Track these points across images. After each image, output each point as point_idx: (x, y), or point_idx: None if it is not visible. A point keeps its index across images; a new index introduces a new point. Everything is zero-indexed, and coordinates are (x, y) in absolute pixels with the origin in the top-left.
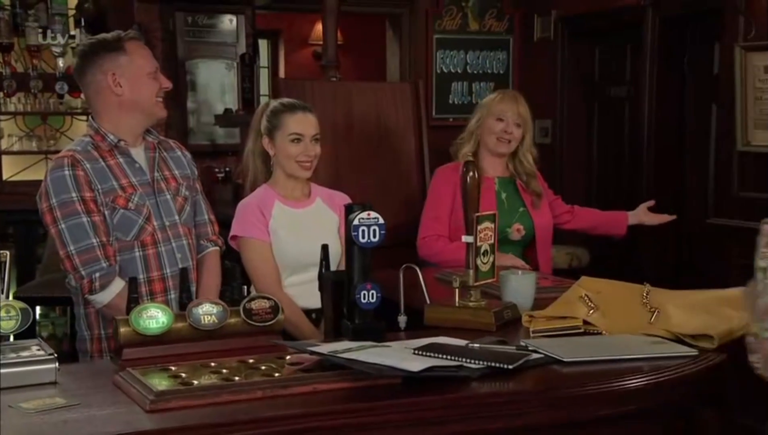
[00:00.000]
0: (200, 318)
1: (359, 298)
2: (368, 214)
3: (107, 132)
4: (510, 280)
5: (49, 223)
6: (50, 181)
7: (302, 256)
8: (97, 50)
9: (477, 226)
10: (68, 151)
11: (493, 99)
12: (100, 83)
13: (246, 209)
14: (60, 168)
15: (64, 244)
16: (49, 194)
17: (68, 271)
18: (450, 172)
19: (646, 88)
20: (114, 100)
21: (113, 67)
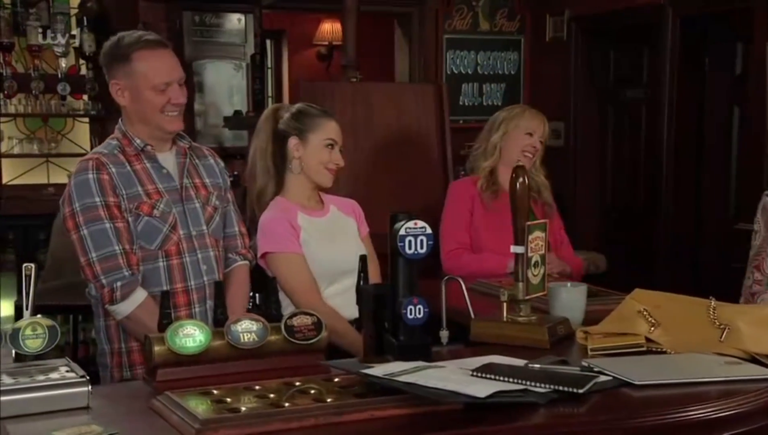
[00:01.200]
0: (239, 336)
1: (405, 314)
2: (415, 224)
3: (134, 136)
4: (560, 293)
5: (71, 229)
6: (74, 185)
7: (336, 265)
8: (109, 57)
9: (528, 236)
10: (94, 154)
11: (520, 114)
12: (111, 89)
13: (274, 223)
14: (84, 171)
15: (85, 251)
16: (72, 198)
17: (89, 279)
18: (467, 185)
19: (666, 89)
20: (123, 109)
21: (118, 77)
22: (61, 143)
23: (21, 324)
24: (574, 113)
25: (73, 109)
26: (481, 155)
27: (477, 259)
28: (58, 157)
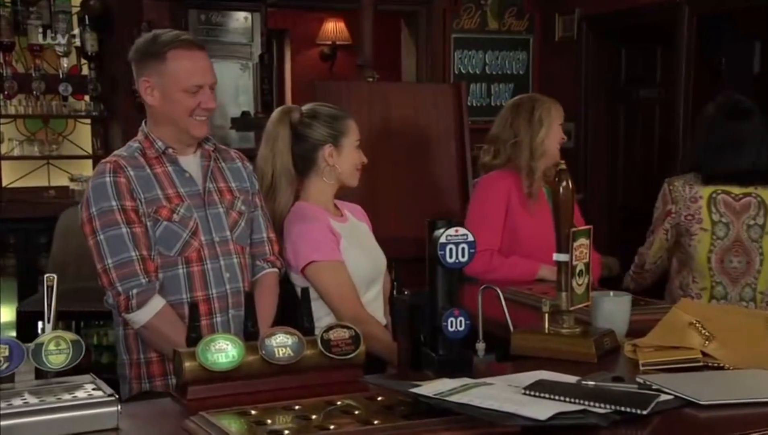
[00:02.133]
0: (274, 351)
1: (446, 326)
2: (456, 231)
3: (156, 138)
4: (603, 303)
5: (88, 234)
6: (91, 189)
7: (369, 272)
8: (141, 54)
9: (572, 243)
10: (113, 157)
11: (553, 105)
12: (140, 87)
13: (316, 231)
14: (101, 174)
15: (101, 257)
16: (89, 202)
17: (105, 286)
18: (505, 182)
19: (681, 89)
20: (150, 109)
21: (148, 74)
22: (62, 145)
23: (44, 339)
24: (585, 114)
25: (74, 110)
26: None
27: (507, 264)
28: (59, 159)
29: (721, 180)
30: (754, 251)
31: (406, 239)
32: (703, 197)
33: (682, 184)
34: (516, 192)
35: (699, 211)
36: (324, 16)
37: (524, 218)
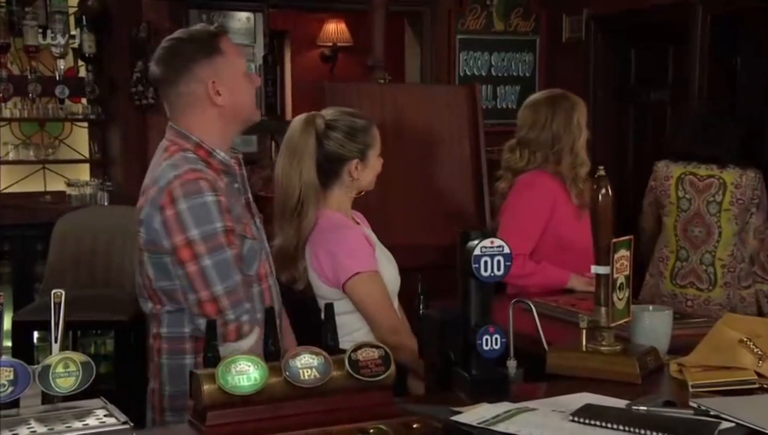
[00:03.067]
0: (299, 372)
1: (480, 345)
2: (491, 243)
3: (213, 147)
4: (644, 318)
5: (186, 260)
6: (187, 209)
7: (396, 282)
8: (192, 55)
9: (613, 255)
10: (194, 172)
11: (579, 102)
12: (196, 94)
13: (357, 240)
14: (199, 194)
15: (207, 285)
16: (185, 225)
17: (209, 315)
18: (552, 184)
19: (695, 91)
20: (212, 112)
21: (212, 73)
22: (58, 149)
23: (51, 360)
24: (593, 116)
25: (71, 113)
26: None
27: (539, 270)
28: (56, 164)
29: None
30: (713, 224)
31: (421, 246)
32: (673, 176)
33: (663, 164)
34: (562, 196)
35: (669, 188)
36: (325, 17)
37: (573, 224)
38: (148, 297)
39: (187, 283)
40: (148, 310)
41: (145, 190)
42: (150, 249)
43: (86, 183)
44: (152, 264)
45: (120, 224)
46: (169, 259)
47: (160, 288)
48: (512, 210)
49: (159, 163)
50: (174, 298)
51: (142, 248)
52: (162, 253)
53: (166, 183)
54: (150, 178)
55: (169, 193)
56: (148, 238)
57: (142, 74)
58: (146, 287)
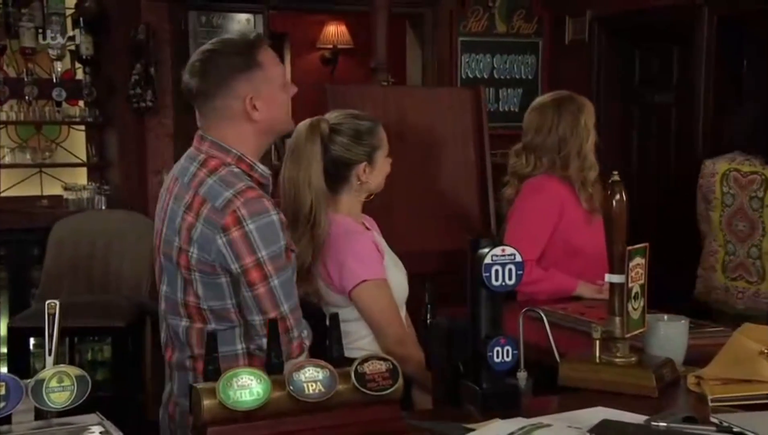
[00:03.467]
0: (303, 386)
1: (491, 357)
2: (503, 251)
3: (254, 162)
4: (659, 328)
5: (256, 281)
6: (255, 229)
7: (404, 290)
8: (229, 70)
9: (629, 263)
10: (253, 190)
11: (591, 106)
12: (232, 109)
13: (366, 246)
14: (266, 213)
15: (276, 304)
16: (255, 246)
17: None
18: (561, 189)
19: (700, 93)
20: (248, 127)
21: (250, 89)
22: (55, 152)
23: (45, 374)
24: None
25: (68, 116)
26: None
27: (547, 277)
28: (53, 168)
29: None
30: (756, 220)
31: (425, 252)
32: (718, 173)
33: (710, 162)
34: (571, 200)
35: (714, 184)
36: (325, 19)
37: (582, 230)
38: (188, 316)
39: (255, 304)
40: (181, 329)
41: (188, 205)
42: (204, 269)
43: (83, 187)
44: (203, 284)
45: (118, 229)
46: (226, 280)
47: (209, 308)
48: (519, 215)
49: (200, 178)
50: (224, 318)
51: (191, 268)
52: (218, 274)
53: (226, 202)
54: (191, 194)
55: (234, 213)
56: (205, 259)
57: (140, 76)
58: (187, 306)
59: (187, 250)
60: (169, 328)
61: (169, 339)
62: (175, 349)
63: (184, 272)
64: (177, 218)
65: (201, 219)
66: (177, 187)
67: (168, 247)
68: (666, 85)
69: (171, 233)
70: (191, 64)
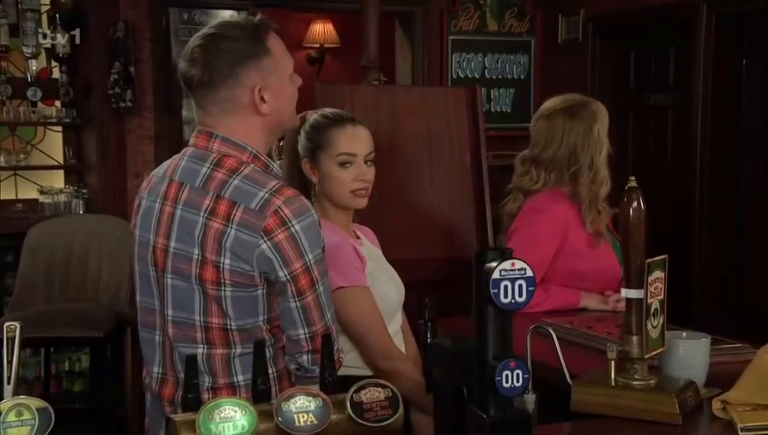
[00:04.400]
0: (294, 418)
1: (500, 382)
2: (512, 265)
3: (269, 160)
4: (677, 347)
5: (306, 289)
6: (302, 231)
7: (395, 302)
8: (237, 56)
9: (647, 277)
10: (288, 188)
11: (602, 108)
12: (238, 101)
13: (344, 252)
14: (308, 212)
15: (322, 315)
16: (303, 249)
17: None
18: (566, 207)
19: (699, 94)
20: (255, 121)
21: (258, 78)
22: (31, 154)
23: (3, 407)
24: None
25: (44, 116)
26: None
27: (550, 298)
28: (28, 170)
29: None
30: None
31: (419, 260)
32: None
33: None
34: (576, 223)
35: None
36: (311, 17)
37: (585, 256)
38: (207, 341)
39: (302, 315)
40: (200, 358)
41: (211, 210)
42: (240, 282)
43: (60, 190)
44: (236, 299)
45: (96, 234)
46: (262, 292)
47: (238, 328)
48: (521, 237)
49: (220, 179)
50: (255, 338)
51: (221, 281)
52: (255, 285)
53: (264, 202)
54: (211, 199)
55: (276, 213)
56: (242, 270)
57: (119, 76)
58: (208, 329)
59: (217, 260)
60: (177, 358)
61: (169, 371)
62: (179, 384)
63: (210, 288)
64: (196, 227)
65: (233, 224)
66: (185, 193)
67: (182, 262)
68: (663, 86)
69: (185, 246)
70: (190, 50)
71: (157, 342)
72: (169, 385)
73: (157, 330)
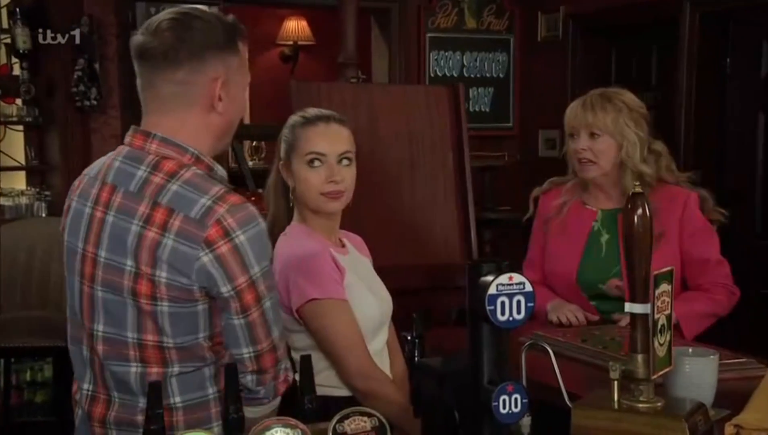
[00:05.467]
0: None
1: (496, 407)
2: (510, 279)
3: (213, 162)
4: (683, 365)
5: (252, 305)
6: (247, 241)
7: (378, 316)
8: (207, 39)
9: (654, 290)
10: (233, 194)
11: (571, 106)
12: (195, 90)
13: (320, 262)
14: (255, 221)
15: (269, 332)
16: (247, 262)
17: (265, 368)
18: (547, 201)
19: (682, 93)
20: (206, 120)
21: (223, 72)
22: None
23: None
24: None
25: (4, 115)
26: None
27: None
28: None
29: None
30: None
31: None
32: None
33: None
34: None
35: None
36: (285, 14)
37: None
38: (141, 359)
39: (246, 332)
40: (133, 377)
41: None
42: (177, 297)
43: (22, 192)
44: (173, 316)
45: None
46: (203, 308)
47: (177, 345)
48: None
49: (157, 184)
50: (193, 356)
51: (156, 296)
52: (195, 300)
53: (205, 211)
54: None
55: (219, 223)
56: (181, 284)
57: (83, 73)
58: (143, 347)
59: (152, 273)
60: (109, 376)
61: (100, 388)
62: (113, 404)
63: (143, 303)
64: (128, 236)
65: (170, 233)
66: (118, 198)
67: (113, 274)
68: (645, 85)
69: (117, 256)
70: (156, 23)
71: (86, 358)
72: (100, 404)
73: (85, 345)
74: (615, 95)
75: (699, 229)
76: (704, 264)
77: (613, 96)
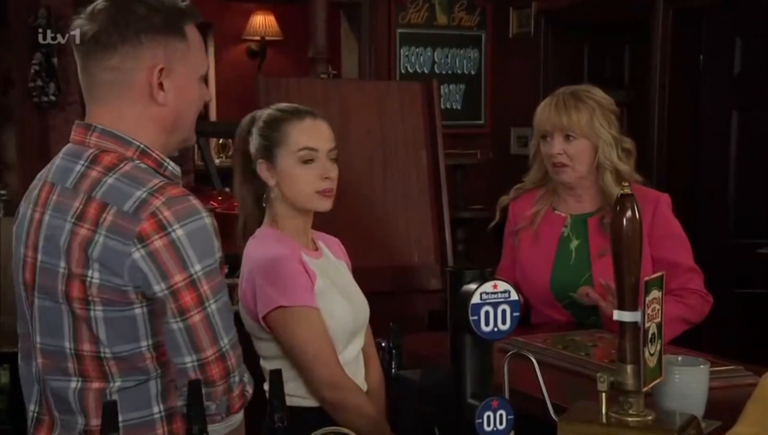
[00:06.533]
0: None
1: (480, 424)
2: (494, 287)
3: (162, 157)
4: (673, 374)
5: (192, 307)
6: (185, 236)
7: (351, 324)
8: (144, 22)
9: (645, 297)
10: (173, 186)
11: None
12: (130, 78)
13: (288, 267)
14: (196, 215)
15: (216, 338)
16: (185, 259)
17: (213, 380)
18: (519, 207)
19: (655, 91)
20: (145, 111)
21: (162, 58)
22: None
23: None
24: None
25: None
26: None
27: None
28: None
29: None
30: None
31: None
32: None
33: None
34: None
35: None
36: (252, 8)
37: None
38: (81, 373)
39: (188, 338)
40: (72, 393)
41: (79, 214)
42: (110, 299)
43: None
44: (108, 321)
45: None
46: (141, 311)
47: (114, 356)
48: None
49: (93, 178)
50: (135, 369)
51: (88, 299)
52: (130, 303)
53: (139, 203)
54: (82, 200)
55: (153, 216)
56: (113, 284)
57: (41, 67)
58: (80, 359)
59: (83, 274)
60: (49, 393)
61: (45, 409)
62: (55, 424)
63: (77, 308)
64: (62, 235)
65: (102, 229)
66: (55, 195)
67: (48, 279)
68: (618, 83)
69: (51, 258)
70: (92, 7)
71: (34, 374)
72: (45, 427)
73: (33, 360)
74: (585, 93)
75: (670, 233)
76: (674, 267)
77: (584, 94)
